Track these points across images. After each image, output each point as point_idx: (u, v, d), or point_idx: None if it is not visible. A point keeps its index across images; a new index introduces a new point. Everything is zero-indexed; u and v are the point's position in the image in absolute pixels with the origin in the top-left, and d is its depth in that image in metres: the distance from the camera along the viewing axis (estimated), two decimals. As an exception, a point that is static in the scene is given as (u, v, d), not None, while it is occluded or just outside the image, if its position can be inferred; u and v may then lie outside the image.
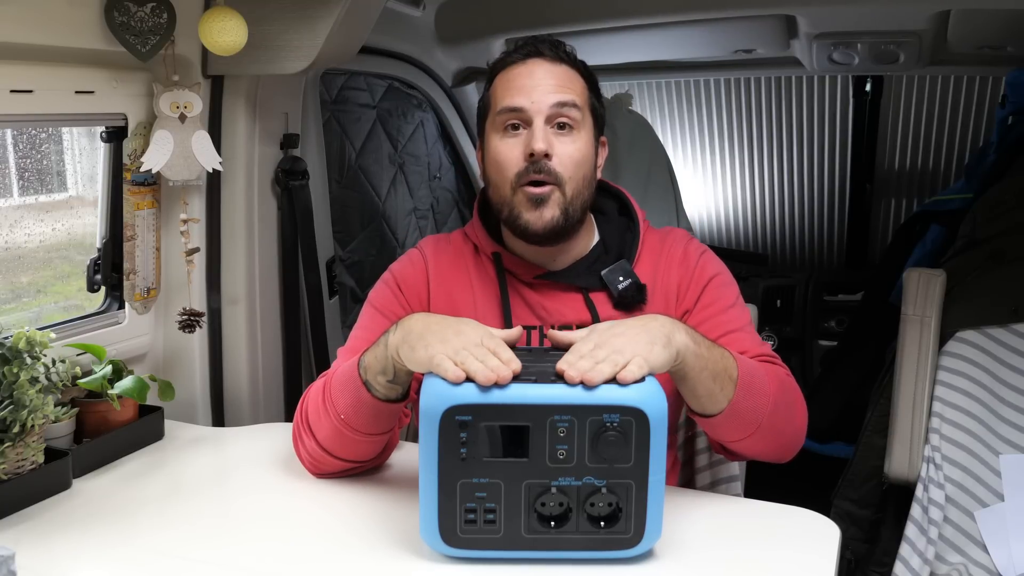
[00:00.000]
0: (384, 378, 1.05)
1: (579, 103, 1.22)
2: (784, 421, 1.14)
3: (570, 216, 1.21)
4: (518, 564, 0.96)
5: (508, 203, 1.22)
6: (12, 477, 1.11)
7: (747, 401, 1.08)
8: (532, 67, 1.22)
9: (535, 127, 1.19)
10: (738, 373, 1.07)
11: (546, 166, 1.18)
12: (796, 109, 3.03)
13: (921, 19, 2.12)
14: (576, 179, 1.21)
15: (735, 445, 1.14)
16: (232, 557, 1.01)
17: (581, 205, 1.23)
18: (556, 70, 1.22)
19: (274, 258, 1.69)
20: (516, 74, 1.22)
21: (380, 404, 1.07)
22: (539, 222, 1.19)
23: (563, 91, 1.21)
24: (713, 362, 1.05)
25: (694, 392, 1.07)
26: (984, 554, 1.55)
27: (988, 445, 1.63)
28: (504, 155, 1.21)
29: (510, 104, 1.20)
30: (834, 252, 3.34)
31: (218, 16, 1.33)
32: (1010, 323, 1.70)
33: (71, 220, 1.59)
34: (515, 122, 1.21)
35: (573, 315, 1.26)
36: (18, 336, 1.15)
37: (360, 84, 2.26)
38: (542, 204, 1.19)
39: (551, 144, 1.18)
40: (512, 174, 1.20)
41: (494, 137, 1.23)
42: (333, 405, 1.10)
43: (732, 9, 2.15)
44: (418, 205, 2.55)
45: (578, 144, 1.21)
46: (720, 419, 1.09)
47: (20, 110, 1.25)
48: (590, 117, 1.25)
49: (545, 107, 1.19)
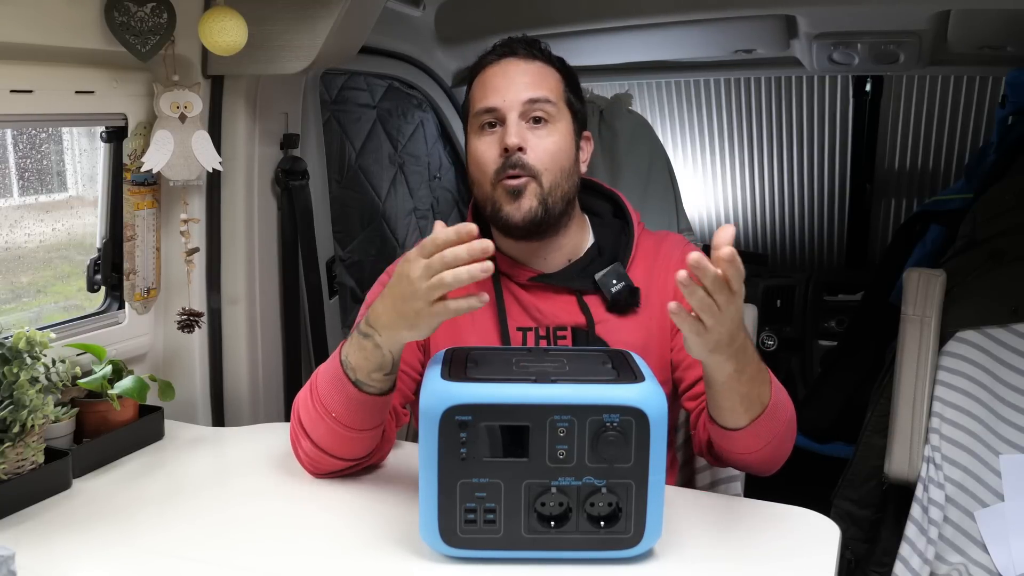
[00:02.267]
0: (380, 373, 1.06)
1: (553, 98, 1.24)
2: (787, 443, 1.15)
3: (550, 208, 1.22)
4: (518, 564, 0.96)
5: (490, 199, 1.24)
6: (12, 477, 1.11)
7: (768, 423, 1.08)
8: (506, 66, 1.26)
9: (508, 123, 1.21)
10: (770, 401, 1.07)
11: (520, 160, 1.20)
12: (796, 109, 3.03)
13: (921, 19, 2.12)
14: (553, 171, 1.22)
15: (736, 456, 1.15)
16: (232, 557, 1.01)
17: (561, 196, 1.24)
18: (529, 67, 1.25)
19: (274, 258, 1.69)
20: (491, 74, 1.26)
21: (375, 399, 1.08)
22: (517, 213, 1.21)
23: (535, 88, 1.23)
24: (756, 383, 1.05)
25: (718, 404, 1.08)
26: (984, 554, 1.55)
27: (988, 445, 1.63)
28: (482, 153, 1.24)
29: (485, 105, 1.23)
30: (834, 252, 3.34)
31: (218, 16, 1.33)
32: (1010, 323, 1.70)
33: (71, 220, 1.59)
34: (491, 121, 1.23)
35: (567, 317, 1.26)
36: (18, 336, 1.15)
37: (360, 84, 2.26)
38: (519, 195, 1.21)
39: (524, 138, 1.21)
40: (491, 171, 1.22)
41: (473, 138, 1.26)
42: (324, 406, 1.10)
43: (732, 9, 2.15)
44: (418, 205, 2.55)
45: (553, 137, 1.23)
46: (737, 433, 1.09)
47: (20, 110, 1.25)
48: (567, 111, 1.27)
49: (517, 104, 1.22)
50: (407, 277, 0.97)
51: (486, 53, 1.30)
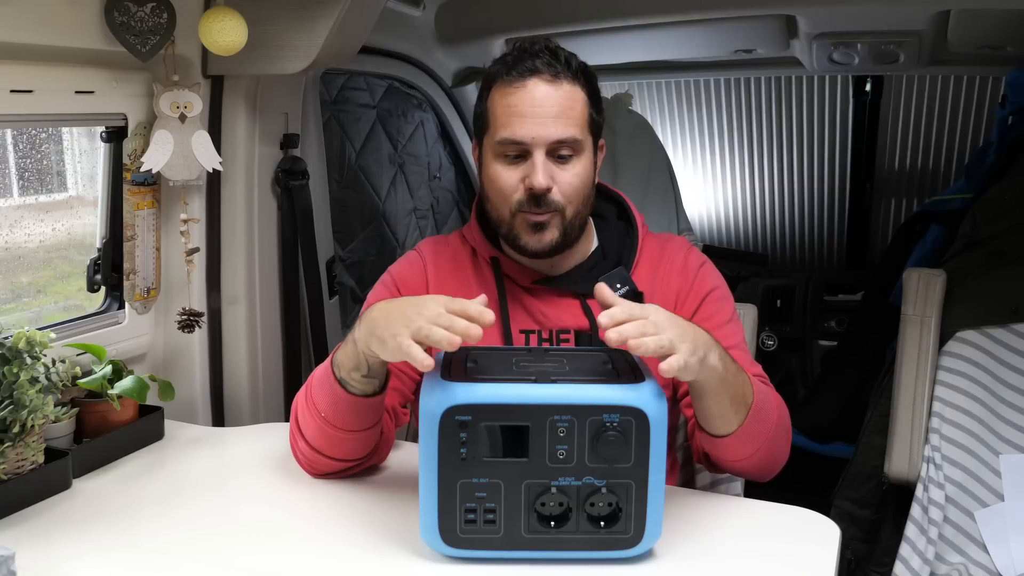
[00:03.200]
0: (359, 373, 1.05)
1: (579, 134, 1.19)
2: (779, 447, 1.15)
3: (569, 235, 1.22)
4: (518, 564, 0.96)
5: (507, 224, 1.22)
6: (12, 477, 1.11)
7: (755, 427, 1.08)
8: (532, 90, 1.17)
9: (536, 161, 1.17)
10: (753, 400, 1.07)
11: (546, 199, 1.18)
12: (796, 109, 3.03)
13: (921, 19, 2.12)
14: (576, 203, 1.21)
15: (730, 464, 1.15)
16: (232, 557, 1.01)
17: (581, 223, 1.24)
18: (556, 93, 1.18)
19: (274, 258, 1.69)
20: (516, 99, 1.18)
21: (358, 400, 1.08)
22: (539, 244, 1.21)
23: (564, 125, 1.17)
24: (735, 387, 1.06)
25: (708, 411, 1.08)
26: (984, 554, 1.55)
27: (988, 445, 1.63)
28: (504, 182, 1.20)
29: (510, 136, 1.18)
30: (834, 252, 3.34)
31: (218, 16, 1.33)
32: (1010, 323, 1.70)
33: (71, 220, 1.59)
34: (515, 153, 1.19)
35: (571, 320, 1.26)
36: (18, 336, 1.15)
37: (360, 84, 2.26)
38: (542, 229, 1.20)
39: (551, 176, 1.18)
40: (512, 201, 1.20)
41: (494, 163, 1.21)
42: (315, 405, 1.11)
43: (732, 9, 2.15)
44: (418, 205, 2.55)
45: (577, 169, 1.20)
46: (726, 440, 1.09)
47: (20, 110, 1.25)
48: (590, 136, 1.22)
49: (544, 142, 1.17)
50: (420, 306, 0.97)
51: (506, 66, 1.20)
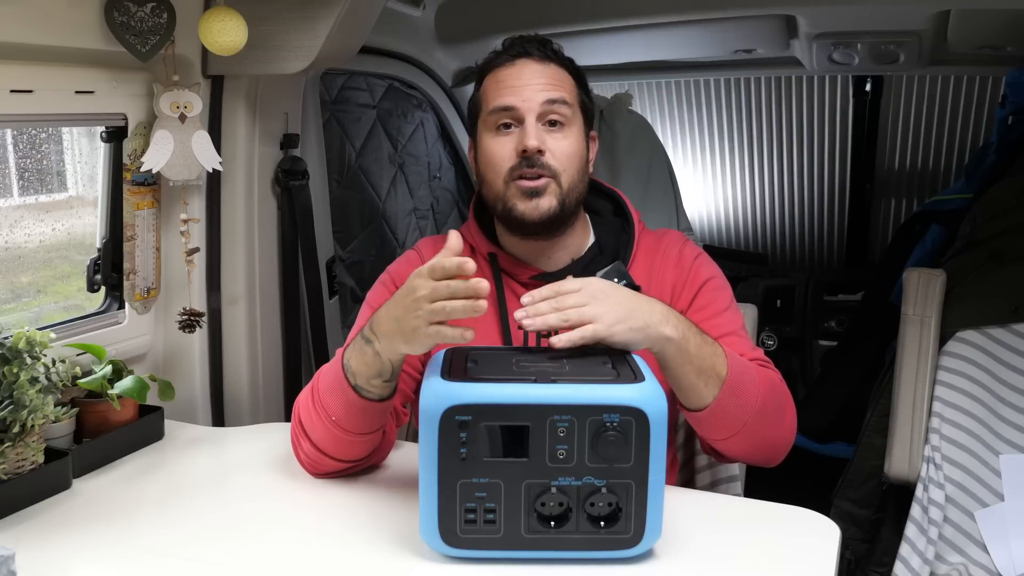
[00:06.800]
0: (380, 379, 1.06)
1: (569, 100, 1.24)
2: (771, 425, 1.14)
3: (566, 207, 1.23)
4: (518, 564, 0.96)
5: (501, 197, 1.24)
6: (12, 477, 1.11)
7: (733, 400, 1.09)
8: (521, 67, 1.25)
9: (527, 125, 1.21)
10: (727, 372, 1.08)
11: (539, 160, 1.21)
12: (796, 109, 3.03)
13: (921, 19, 2.12)
14: (570, 172, 1.23)
15: (719, 444, 1.16)
16: (232, 557, 1.01)
17: (576, 198, 1.26)
18: (545, 69, 1.25)
19: (274, 258, 1.69)
20: (506, 75, 1.25)
21: (373, 404, 1.08)
22: (535, 212, 1.22)
23: (553, 89, 1.23)
24: (700, 359, 1.07)
25: (678, 384, 1.10)
26: (984, 554, 1.55)
27: (988, 445, 1.63)
28: (497, 152, 1.23)
29: (501, 103, 1.23)
30: (834, 252, 3.34)
31: (218, 16, 1.33)
32: (1010, 323, 1.71)
33: (71, 220, 1.59)
34: (507, 121, 1.23)
35: None
36: (18, 336, 1.15)
37: (360, 84, 2.26)
38: (537, 195, 1.21)
39: (543, 140, 1.21)
40: (505, 169, 1.23)
41: (486, 136, 1.26)
42: (324, 409, 1.11)
43: (732, 9, 2.15)
44: (418, 205, 2.55)
45: (570, 139, 1.24)
46: (704, 415, 1.11)
47: (20, 110, 1.25)
48: (580, 114, 1.27)
49: (536, 105, 1.22)
50: (413, 293, 0.97)
51: (498, 52, 1.29)
